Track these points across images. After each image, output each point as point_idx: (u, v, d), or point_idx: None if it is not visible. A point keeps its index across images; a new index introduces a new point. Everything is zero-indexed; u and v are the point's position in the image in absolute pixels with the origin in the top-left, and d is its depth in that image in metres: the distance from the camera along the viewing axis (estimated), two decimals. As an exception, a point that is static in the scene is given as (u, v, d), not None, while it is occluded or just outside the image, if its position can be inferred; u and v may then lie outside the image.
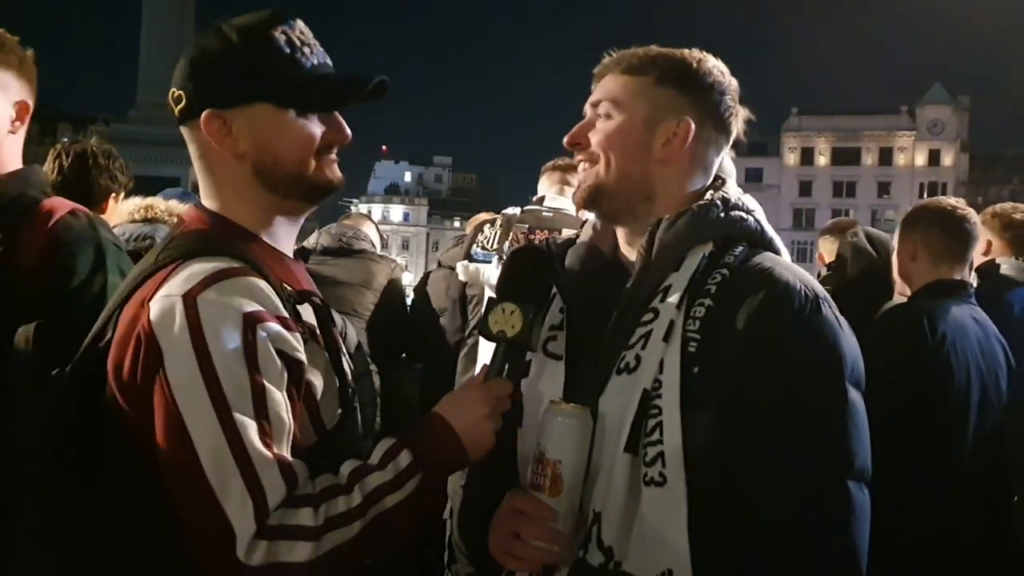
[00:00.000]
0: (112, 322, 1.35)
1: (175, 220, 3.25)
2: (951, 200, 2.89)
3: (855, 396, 1.37)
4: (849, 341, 1.40)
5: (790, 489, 1.33)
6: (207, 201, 1.45)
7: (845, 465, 1.34)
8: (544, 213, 3.43)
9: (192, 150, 1.45)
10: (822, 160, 71.77)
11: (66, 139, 3.06)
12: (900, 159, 70.74)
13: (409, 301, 4.13)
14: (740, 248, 1.45)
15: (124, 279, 1.51)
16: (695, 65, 1.49)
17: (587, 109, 1.54)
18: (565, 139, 1.53)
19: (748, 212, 1.50)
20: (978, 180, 59.27)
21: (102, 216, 2.95)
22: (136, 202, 3.37)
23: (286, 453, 1.29)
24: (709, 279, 1.41)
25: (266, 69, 1.38)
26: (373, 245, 3.95)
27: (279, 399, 1.29)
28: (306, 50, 1.42)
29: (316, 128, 1.42)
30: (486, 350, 3.25)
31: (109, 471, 1.29)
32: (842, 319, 1.41)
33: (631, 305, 1.44)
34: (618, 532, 1.35)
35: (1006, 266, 3.33)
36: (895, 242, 2.91)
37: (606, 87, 1.52)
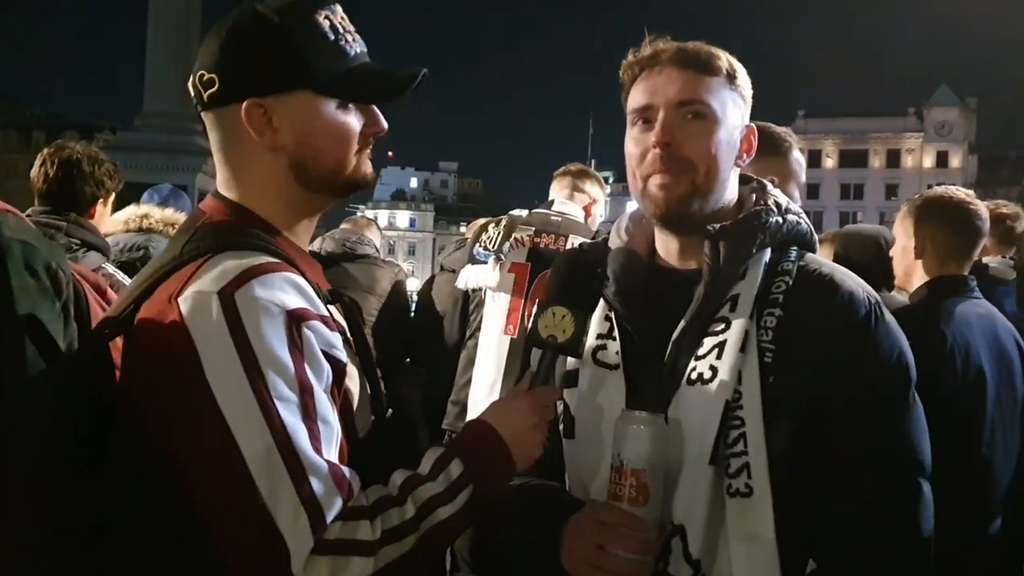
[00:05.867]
0: (124, 319, 1.24)
1: (170, 231, 3.23)
2: (962, 192, 2.76)
3: (917, 397, 1.43)
4: (906, 342, 1.45)
5: (869, 490, 1.38)
6: (227, 191, 1.35)
7: (916, 464, 1.40)
8: (552, 217, 3.40)
9: (217, 137, 1.34)
10: (829, 162, 71.70)
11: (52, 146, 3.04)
12: (908, 161, 70.68)
13: (413, 306, 4.12)
14: (794, 252, 1.47)
15: (40, 275, 1.39)
16: (742, 67, 1.49)
17: (659, 104, 1.43)
18: (657, 137, 1.42)
19: (799, 215, 1.52)
20: (986, 181, 59.06)
21: (89, 221, 2.94)
22: (131, 211, 3.36)
23: (337, 460, 1.20)
24: (774, 287, 1.41)
25: (311, 55, 1.28)
26: (377, 250, 3.94)
27: (327, 403, 1.22)
28: (348, 37, 1.33)
29: (356, 121, 1.34)
30: (485, 352, 3.23)
31: (115, 478, 1.19)
32: (894, 319, 1.45)
33: (699, 315, 1.42)
34: (705, 545, 1.34)
35: (993, 265, 3.30)
36: (898, 233, 2.79)
37: (689, 85, 1.43)
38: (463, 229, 4.25)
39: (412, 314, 3.95)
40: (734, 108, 1.46)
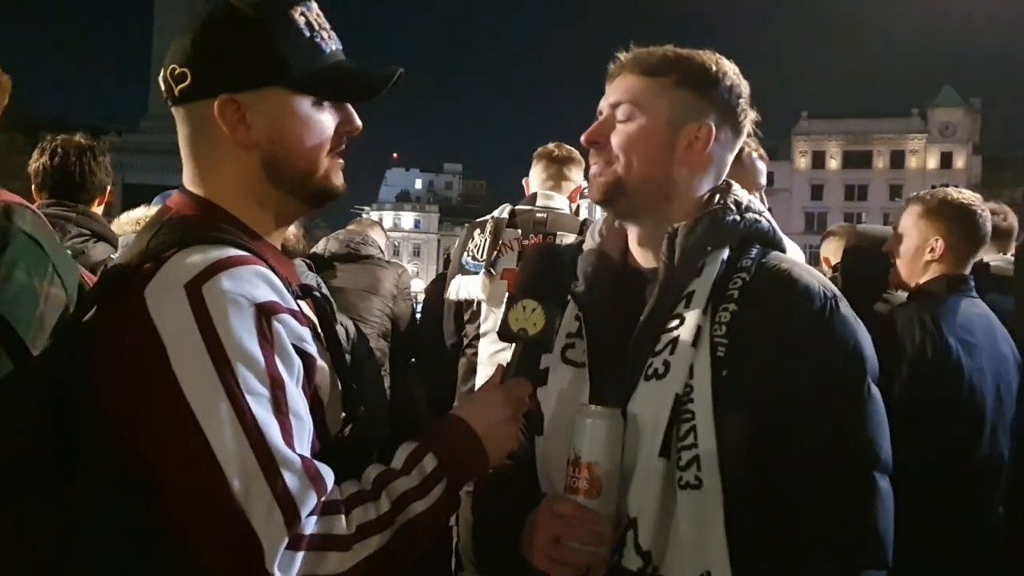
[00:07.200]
0: (89, 319, 1.21)
1: None
2: (975, 198, 2.76)
3: (875, 390, 1.42)
4: (865, 335, 1.45)
5: (822, 484, 1.37)
6: (194, 188, 1.32)
7: (872, 459, 1.39)
8: (538, 215, 3.32)
9: (186, 132, 1.32)
10: (833, 164, 71.65)
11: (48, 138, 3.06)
12: (912, 162, 70.57)
13: (420, 304, 4.13)
14: (755, 250, 1.49)
15: (33, 275, 1.38)
16: (714, 68, 1.50)
17: (603, 107, 1.53)
18: (583, 137, 1.52)
19: (759, 214, 1.55)
20: (990, 182, 58.85)
21: (95, 209, 2.98)
22: (142, 212, 3.39)
23: (309, 455, 1.18)
24: (730, 284, 1.43)
25: (287, 50, 1.27)
26: (381, 251, 3.95)
27: (298, 397, 1.20)
28: (324, 34, 1.32)
29: (330, 119, 1.32)
30: (487, 362, 3.20)
31: (86, 478, 1.15)
32: (852, 313, 1.45)
33: (656, 312, 1.45)
34: (655, 536, 1.37)
35: (994, 263, 3.28)
36: (910, 232, 2.75)
37: (625, 87, 1.50)
38: (466, 230, 4.21)
39: (418, 314, 3.96)
40: (678, 107, 1.48)
